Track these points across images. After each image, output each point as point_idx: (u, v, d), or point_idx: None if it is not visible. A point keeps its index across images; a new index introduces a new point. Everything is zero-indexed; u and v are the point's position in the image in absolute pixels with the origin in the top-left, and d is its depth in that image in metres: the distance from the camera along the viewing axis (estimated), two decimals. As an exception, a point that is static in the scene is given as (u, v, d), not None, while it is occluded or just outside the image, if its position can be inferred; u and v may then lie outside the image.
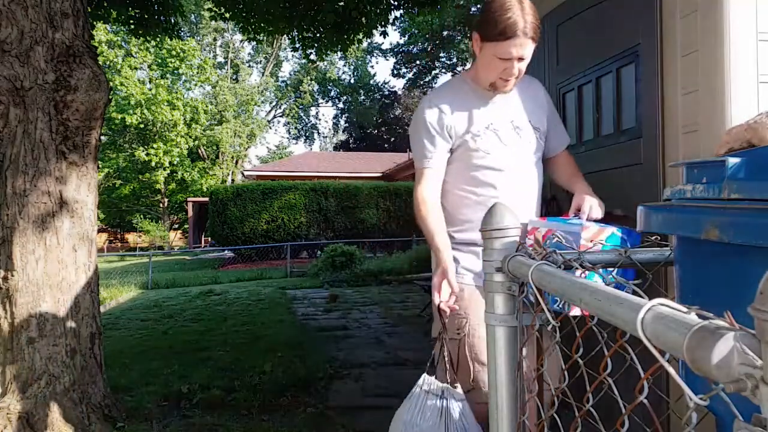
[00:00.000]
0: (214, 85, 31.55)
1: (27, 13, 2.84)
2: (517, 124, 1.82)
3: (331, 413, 3.33)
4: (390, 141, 36.62)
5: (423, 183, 1.82)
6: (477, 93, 1.82)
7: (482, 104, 1.81)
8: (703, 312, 0.41)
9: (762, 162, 0.65)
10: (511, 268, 0.90)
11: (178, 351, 5.15)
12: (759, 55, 1.67)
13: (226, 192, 16.36)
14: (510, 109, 1.83)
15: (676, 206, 0.79)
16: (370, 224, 16.68)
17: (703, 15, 1.76)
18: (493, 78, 1.72)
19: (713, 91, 1.72)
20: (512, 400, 0.95)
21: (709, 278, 0.75)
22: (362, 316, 7.04)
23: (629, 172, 2.21)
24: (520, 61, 1.67)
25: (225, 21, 7.74)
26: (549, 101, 1.97)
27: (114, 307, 9.03)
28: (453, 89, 1.87)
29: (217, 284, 11.66)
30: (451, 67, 35.43)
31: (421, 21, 28.10)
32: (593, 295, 0.57)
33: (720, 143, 0.80)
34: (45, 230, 2.90)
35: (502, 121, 1.81)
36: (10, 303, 2.82)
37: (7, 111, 2.81)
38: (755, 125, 0.73)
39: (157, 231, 26.97)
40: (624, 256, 1.05)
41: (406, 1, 6.81)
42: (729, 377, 0.36)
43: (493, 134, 1.79)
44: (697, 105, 1.82)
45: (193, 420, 3.23)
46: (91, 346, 3.10)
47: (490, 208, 1.05)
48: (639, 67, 2.15)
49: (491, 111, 1.81)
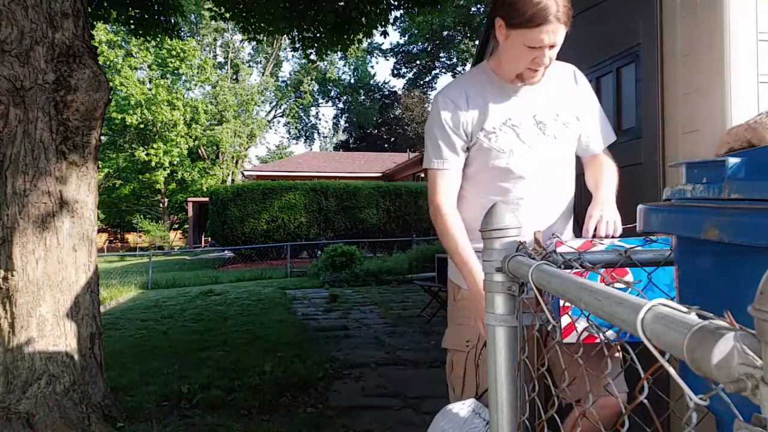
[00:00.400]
0: (214, 85, 31.56)
1: (27, 13, 2.84)
2: (540, 118, 1.61)
3: (331, 413, 3.33)
4: (390, 141, 36.62)
5: (438, 188, 1.63)
6: (496, 85, 1.63)
7: (501, 97, 1.62)
8: (703, 312, 0.41)
9: (762, 162, 0.65)
10: (511, 268, 0.90)
11: (178, 351, 5.15)
12: (759, 55, 1.67)
13: (226, 192, 16.37)
14: (534, 101, 1.62)
15: (676, 206, 0.79)
16: (370, 224, 16.68)
17: (703, 15, 1.76)
18: (520, 68, 1.54)
19: (713, 91, 1.72)
20: (512, 400, 0.95)
21: (709, 278, 0.75)
22: (362, 316, 7.04)
23: (629, 172, 2.21)
24: (551, 48, 1.48)
25: (225, 21, 7.74)
26: (587, 91, 1.71)
27: (114, 307, 9.03)
28: (470, 80, 1.68)
29: (217, 284, 11.66)
30: (451, 67, 35.45)
31: (421, 21, 28.10)
32: (593, 295, 0.57)
33: (720, 143, 0.80)
34: (45, 230, 2.90)
35: (522, 116, 1.61)
36: (10, 303, 2.82)
37: (7, 111, 2.81)
38: (755, 125, 0.73)
39: (157, 231, 26.97)
40: (624, 256, 1.05)
41: (406, 1, 6.81)
42: (729, 377, 0.36)
43: (511, 131, 1.60)
44: (697, 105, 1.82)
45: (193, 420, 3.23)
46: (91, 346, 3.10)
47: (489, 208, 1.05)
48: (639, 67, 2.15)
49: (511, 105, 1.61)
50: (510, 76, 1.59)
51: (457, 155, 1.63)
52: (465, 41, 32.45)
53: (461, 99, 1.61)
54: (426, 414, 3.23)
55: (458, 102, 1.61)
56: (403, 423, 3.19)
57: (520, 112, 1.60)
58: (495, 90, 1.62)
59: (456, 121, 1.60)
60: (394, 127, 37.15)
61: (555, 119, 1.62)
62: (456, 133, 1.61)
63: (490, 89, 1.62)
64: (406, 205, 17.00)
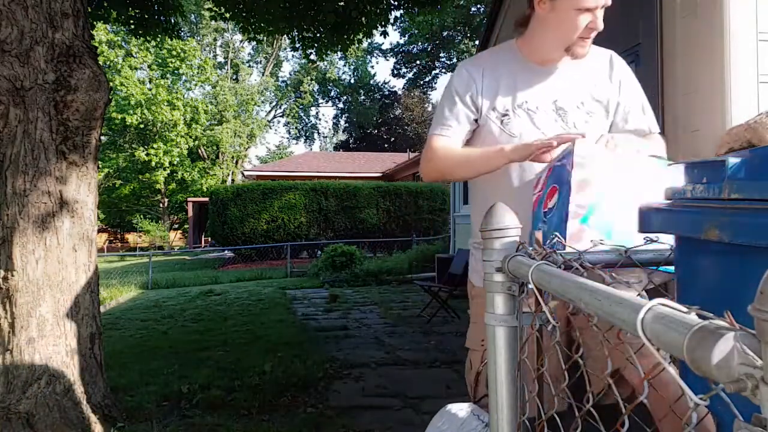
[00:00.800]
0: (214, 85, 31.56)
1: (27, 13, 2.84)
2: (561, 104, 1.49)
3: (331, 413, 3.33)
4: (390, 141, 36.62)
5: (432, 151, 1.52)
6: (521, 64, 1.51)
7: (521, 77, 1.50)
8: (703, 312, 0.41)
9: (762, 162, 0.65)
10: (511, 268, 0.90)
11: (178, 351, 5.15)
12: (759, 55, 1.67)
13: (226, 192, 16.37)
14: (556, 86, 1.50)
15: (676, 206, 0.79)
16: (370, 224, 16.68)
17: (703, 15, 1.76)
18: (571, 39, 1.41)
19: (713, 91, 1.72)
20: (512, 400, 0.95)
21: (709, 278, 0.75)
22: (362, 316, 7.04)
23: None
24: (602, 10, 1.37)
25: (225, 21, 7.74)
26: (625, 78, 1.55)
27: (114, 307, 9.03)
28: (492, 56, 1.58)
29: (217, 284, 11.66)
30: (451, 67, 35.43)
31: (421, 21, 28.11)
32: (593, 295, 0.57)
33: (720, 143, 0.80)
34: (45, 230, 2.90)
35: (540, 100, 1.48)
36: (10, 303, 2.82)
37: (7, 111, 2.81)
38: (755, 125, 0.73)
39: (157, 231, 26.97)
40: (624, 256, 1.05)
41: (406, 1, 6.81)
42: (729, 377, 0.36)
43: (526, 115, 1.48)
44: (697, 105, 1.82)
45: (193, 420, 3.23)
46: (91, 346, 3.10)
47: (489, 208, 1.04)
48: (639, 67, 2.15)
49: (530, 87, 1.49)
50: (552, 54, 1.47)
51: (460, 124, 1.52)
52: (465, 41, 32.45)
53: (477, 71, 1.52)
54: (426, 414, 3.23)
55: (473, 74, 1.52)
56: (403, 423, 3.19)
57: (539, 95, 1.49)
58: (517, 69, 1.51)
59: (466, 90, 1.51)
60: (394, 127, 37.15)
61: (578, 107, 1.50)
62: (463, 101, 1.51)
63: (511, 68, 1.52)
64: (406, 205, 17.00)
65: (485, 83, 1.50)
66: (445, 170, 1.55)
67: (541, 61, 1.50)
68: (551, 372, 0.95)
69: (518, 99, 1.49)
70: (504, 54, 1.55)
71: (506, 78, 1.50)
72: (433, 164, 1.55)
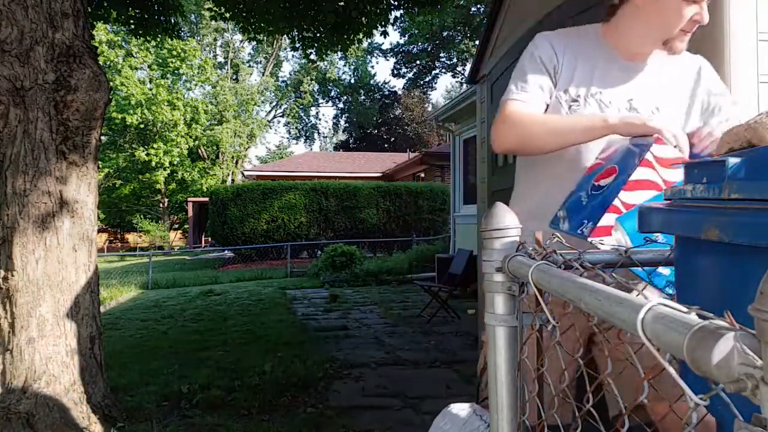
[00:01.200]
0: (214, 85, 31.56)
1: (27, 13, 2.84)
2: (636, 105, 1.38)
3: (331, 413, 3.33)
4: (390, 141, 36.63)
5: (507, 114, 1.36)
6: (604, 51, 1.40)
7: (601, 66, 1.39)
8: (703, 312, 0.41)
9: (762, 162, 0.65)
10: (511, 268, 0.90)
11: (178, 351, 5.15)
12: (759, 55, 1.67)
13: (226, 192, 16.37)
14: (635, 83, 1.40)
15: (676, 206, 0.79)
16: (370, 224, 16.68)
17: (703, 15, 1.76)
18: (672, 31, 1.30)
19: (713, 91, 1.72)
20: (512, 400, 0.95)
21: (709, 278, 0.75)
22: (362, 316, 7.04)
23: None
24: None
25: (225, 21, 7.74)
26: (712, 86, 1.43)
27: (114, 307, 9.03)
28: (578, 35, 1.45)
29: (217, 284, 11.67)
30: (451, 67, 35.47)
31: (421, 21, 28.10)
32: (593, 295, 0.57)
33: (720, 143, 0.80)
34: (45, 230, 2.90)
35: (615, 96, 1.38)
36: (10, 303, 2.82)
37: (7, 111, 2.81)
38: (755, 125, 0.73)
39: (157, 231, 26.97)
40: (624, 256, 1.05)
41: (406, 1, 6.81)
42: (729, 377, 0.36)
43: (597, 106, 1.37)
44: (697, 105, 1.82)
45: (193, 420, 3.23)
46: (91, 347, 3.10)
47: (490, 208, 1.04)
48: (639, 67, 2.15)
49: (608, 78, 1.39)
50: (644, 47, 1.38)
51: (543, 92, 1.38)
52: (465, 41, 32.44)
53: (560, 47, 1.40)
54: (426, 414, 3.23)
55: (556, 48, 1.40)
56: (403, 423, 3.20)
57: (615, 90, 1.39)
58: (597, 56, 1.41)
59: (549, 61, 1.39)
60: (394, 127, 37.16)
61: (653, 112, 1.38)
62: (548, 71, 1.38)
63: (591, 54, 1.41)
64: (406, 205, 17.00)
65: (565, 61, 1.39)
66: (527, 138, 1.37)
67: (628, 54, 1.40)
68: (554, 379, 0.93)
69: (593, 88, 1.38)
70: (587, 38, 1.44)
71: (584, 63, 1.40)
72: (515, 130, 1.37)
